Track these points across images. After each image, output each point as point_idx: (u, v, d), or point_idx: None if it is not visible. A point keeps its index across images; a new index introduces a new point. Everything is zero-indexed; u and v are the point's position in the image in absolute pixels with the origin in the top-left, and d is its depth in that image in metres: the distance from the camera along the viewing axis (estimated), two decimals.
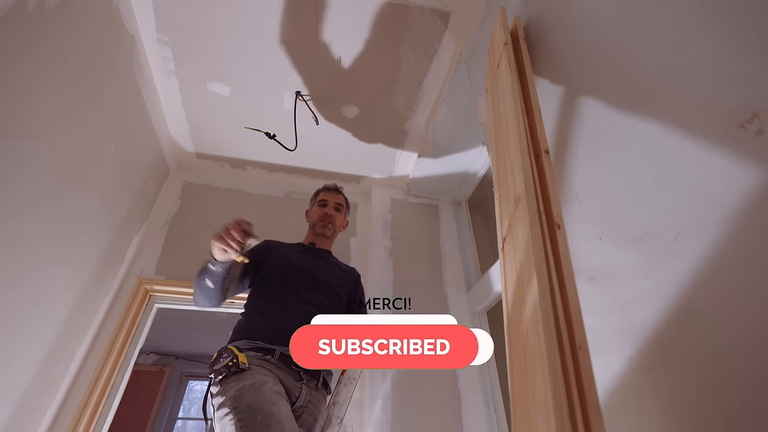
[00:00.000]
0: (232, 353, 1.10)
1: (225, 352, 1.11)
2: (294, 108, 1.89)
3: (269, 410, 0.98)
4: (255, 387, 1.03)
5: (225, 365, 1.08)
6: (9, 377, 1.28)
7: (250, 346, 1.18)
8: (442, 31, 1.66)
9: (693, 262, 0.59)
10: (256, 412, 0.97)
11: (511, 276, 0.74)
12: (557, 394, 0.48)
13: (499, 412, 1.74)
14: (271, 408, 0.98)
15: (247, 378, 1.06)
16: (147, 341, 2.02)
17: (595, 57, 0.87)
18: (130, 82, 1.64)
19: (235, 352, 1.10)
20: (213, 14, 1.56)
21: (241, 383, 1.04)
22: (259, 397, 1.01)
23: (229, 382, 1.06)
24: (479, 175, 2.30)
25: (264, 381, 1.06)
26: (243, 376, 1.07)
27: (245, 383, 1.04)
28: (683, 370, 0.59)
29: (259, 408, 0.98)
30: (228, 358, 1.09)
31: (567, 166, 0.92)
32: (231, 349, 1.12)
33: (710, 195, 0.58)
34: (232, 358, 1.09)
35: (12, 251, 1.17)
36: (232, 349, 1.12)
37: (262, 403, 0.99)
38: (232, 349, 1.12)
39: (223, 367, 1.08)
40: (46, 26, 1.13)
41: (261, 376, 1.07)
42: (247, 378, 1.06)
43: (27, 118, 1.13)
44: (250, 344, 1.19)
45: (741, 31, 0.56)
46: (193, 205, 2.24)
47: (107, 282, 1.77)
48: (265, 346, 1.18)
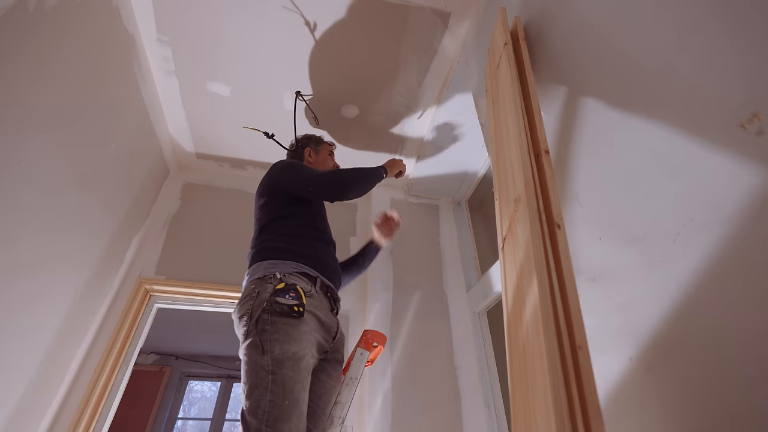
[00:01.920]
0: (300, 297, 1.13)
1: (294, 292, 1.14)
2: (294, 108, 1.89)
3: (296, 398, 1.01)
4: (296, 360, 1.05)
5: (290, 306, 1.10)
6: (9, 377, 1.28)
7: (299, 270, 1.23)
8: (442, 31, 1.66)
9: (693, 262, 0.59)
10: (287, 395, 1.00)
11: (511, 276, 0.74)
12: (557, 394, 0.48)
13: (499, 412, 1.74)
14: (299, 396, 1.02)
15: (293, 340, 1.07)
16: (147, 341, 2.02)
17: (595, 57, 0.87)
18: (130, 82, 1.64)
19: (303, 299, 1.13)
20: (213, 14, 1.56)
21: (286, 346, 1.05)
22: (295, 375, 1.03)
23: (279, 329, 1.07)
24: (479, 175, 2.30)
25: (303, 354, 1.07)
26: (292, 331, 1.08)
27: (290, 350, 1.05)
28: (684, 370, 0.59)
29: (290, 391, 1.00)
30: (296, 300, 1.12)
31: (567, 166, 0.92)
32: (300, 292, 1.14)
33: (710, 195, 0.58)
34: (299, 305, 1.11)
35: (12, 251, 1.17)
36: (301, 292, 1.14)
37: (294, 385, 1.01)
38: (301, 293, 1.14)
39: (287, 305, 1.10)
40: (46, 26, 1.13)
41: (305, 344, 1.09)
42: (293, 339, 1.07)
43: (27, 118, 1.13)
44: (299, 267, 1.24)
45: (741, 31, 0.56)
46: (193, 205, 2.24)
47: (107, 282, 1.77)
48: (311, 273, 1.25)
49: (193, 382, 5.71)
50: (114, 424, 1.69)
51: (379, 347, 1.35)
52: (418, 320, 1.97)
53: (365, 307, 2.02)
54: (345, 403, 1.23)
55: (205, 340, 5.07)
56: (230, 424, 5.46)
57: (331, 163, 1.70)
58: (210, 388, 5.85)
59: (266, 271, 1.21)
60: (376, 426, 1.63)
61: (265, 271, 1.22)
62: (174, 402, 5.28)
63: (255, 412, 0.97)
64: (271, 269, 1.22)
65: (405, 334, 1.91)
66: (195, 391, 5.86)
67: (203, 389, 5.94)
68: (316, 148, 1.72)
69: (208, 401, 5.76)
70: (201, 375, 5.61)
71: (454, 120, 1.97)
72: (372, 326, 1.91)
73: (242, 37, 1.65)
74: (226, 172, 2.39)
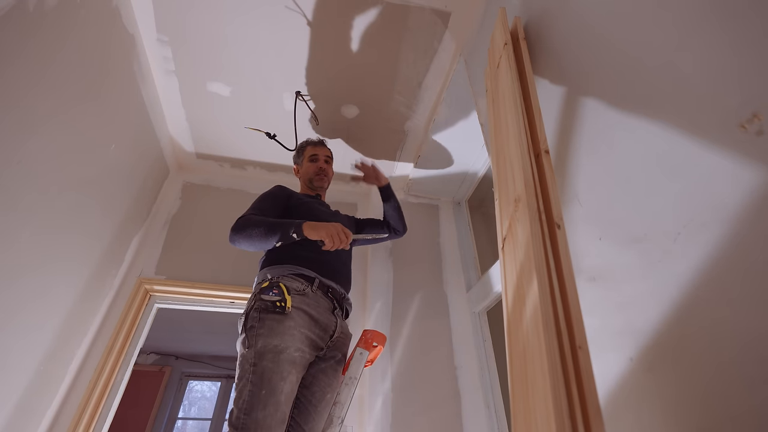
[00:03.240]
0: (282, 293, 1.18)
1: (276, 288, 1.19)
2: (294, 108, 1.89)
3: (273, 387, 1.05)
4: (276, 352, 1.10)
5: (273, 301, 1.16)
6: (9, 377, 1.28)
7: (295, 272, 1.28)
8: (442, 31, 1.66)
9: (693, 262, 0.59)
10: (264, 384, 1.05)
11: (511, 276, 0.74)
12: (557, 394, 0.48)
13: (499, 412, 1.74)
14: (277, 385, 1.06)
15: (276, 334, 1.12)
16: (147, 341, 2.03)
17: (595, 57, 0.87)
18: (130, 82, 1.64)
19: (285, 294, 1.17)
20: (213, 14, 1.56)
21: (268, 339, 1.11)
22: (275, 366, 1.08)
23: (264, 324, 1.13)
24: (479, 175, 2.30)
25: (285, 347, 1.12)
26: (276, 326, 1.13)
27: (271, 343, 1.10)
28: (684, 370, 0.59)
29: (267, 381, 1.05)
30: (278, 296, 1.17)
31: (567, 166, 0.92)
32: (282, 289, 1.19)
33: (710, 195, 0.58)
34: (281, 300, 1.16)
35: (11, 251, 1.17)
36: (284, 289, 1.19)
37: (272, 375, 1.06)
38: (284, 289, 1.19)
39: (270, 301, 1.16)
40: (46, 26, 1.13)
41: (288, 337, 1.13)
42: (276, 333, 1.12)
43: (27, 118, 1.13)
44: (295, 270, 1.28)
45: (741, 31, 0.56)
46: (193, 205, 2.24)
47: (107, 282, 1.77)
48: (308, 274, 1.29)
49: (193, 382, 5.72)
50: (114, 424, 1.69)
51: (379, 347, 1.35)
52: (418, 320, 1.97)
53: (365, 307, 2.02)
54: (344, 403, 1.23)
55: (205, 340, 5.07)
56: None
57: (312, 169, 1.71)
58: (210, 388, 5.85)
59: (263, 276, 1.31)
60: (376, 426, 1.63)
61: (262, 276, 1.31)
62: (174, 402, 5.28)
63: (237, 401, 1.05)
64: (267, 273, 1.30)
65: (405, 334, 1.91)
66: (195, 391, 5.87)
67: (203, 389, 5.94)
68: (299, 160, 1.77)
69: (208, 401, 5.76)
70: (201, 375, 5.61)
71: (454, 120, 1.97)
72: (372, 326, 1.91)
73: (242, 37, 1.65)
74: (226, 172, 2.40)
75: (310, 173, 1.70)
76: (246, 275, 2.00)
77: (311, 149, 1.76)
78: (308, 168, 1.71)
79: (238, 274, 2.02)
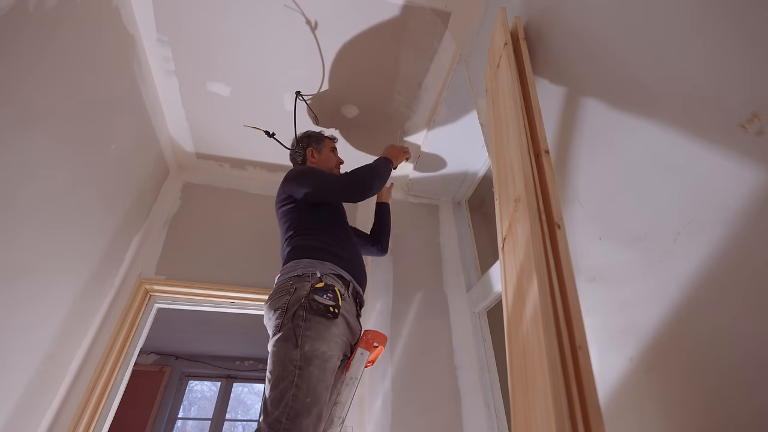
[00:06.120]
0: (336, 299, 1.14)
1: (332, 293, 1.15)
2: (294, 108, 1.89)
3: (318, 396, 1.02)
4: (324, 359, 1.06)
5: (327, 306, 1.12)
6: (9, 377, 1.28)
7: (336, 272, 1.25)
8: (442, 31, 1.66)
9: (693, 262, 0.59)
10: (310, 392, 1.01)
11: (511, 276, 0.74)
12: (557, 394, 0.48)
13: (499, 412, 1.74)
14: (321, 395, 1.03)
15: (323, 339, 1.08)
16: (147, 341, 2.03)
17: (595, 57, 0.87)
18: (130, 82, 1.64)
19: (339, 299, 1.14)
20: (213, 14, 1.56)
21: (316, 344, 1.07)
22: (321, 374, 1.05)
23: (312, 326, 1.08)
24: (479, 175, 2.30)
25: (331, 355, 1.09)
26: (323, 331, 1.09)
27: (319, 348, 1.07)
28: (685, 370, 0.59)
29: (313, 389, 1.02)
30: (332, 301, 1.13)
31: (567, 166, 0.92)
32: (337, 294, 1.16)
33: (710, 195, 0.58)
34: (335, 306, 1.13)
35: (11, 251, 1.17)
36: (338, 294, 1.16)
37: (318, 384, 1.03)
38: (338, 295, 1.16)
39: (324, 305, 1.11)
40: (46, 26, 1.13)
41: (333, 345, 1.10)
42: (323, 339, 1.08)
43: (27, 118, 1.13)
44: (336, 270, 1.26)
45: (741, 31, 0.56)
46: (193, 205, 2.24)
47: (107, 282, 1.77)
48: (346, 277, 1.27)
49: (193, 382, 5.71)
50: (114, 424, 1.69)
51: (380, 347, 1.35)
52: (418, 320, 1.97)
53: (365, 307, 2.02)
54: (345, 403, 1.23)
55: (205, 340, 5.07)
56: (230, 424, 5.46)
57: (334, 159, 1.69)
58: (210, 388, 5.85)
59: (305, 270, 1.23)
60: (376, 426, 1.63)
61: (304, 269, 1.23)
62: (174, 402, 5.28)
63: (278, 403, 0.99)
64: (311, 268, 1.23)
65: (405, 334, 1.91)
66: (195, 391, 5.87)
67: (203, 389, 5.94)
68: (318, 146, 1.72)
69: (208, 401, 5.76)
70: (201, 375, 5.61)
71: (454, 120, 1.97)
72: (372, 326, 1.91)
73: (242, 37, 1.65)
74: (226, 172, 2.39)
75: (331, 164, 1.68)
76: (246, 275, 2.00)
77: (331, 143, 1.75)
78: (330, 158, 1.70)
79: (238, 274, 2.02)
